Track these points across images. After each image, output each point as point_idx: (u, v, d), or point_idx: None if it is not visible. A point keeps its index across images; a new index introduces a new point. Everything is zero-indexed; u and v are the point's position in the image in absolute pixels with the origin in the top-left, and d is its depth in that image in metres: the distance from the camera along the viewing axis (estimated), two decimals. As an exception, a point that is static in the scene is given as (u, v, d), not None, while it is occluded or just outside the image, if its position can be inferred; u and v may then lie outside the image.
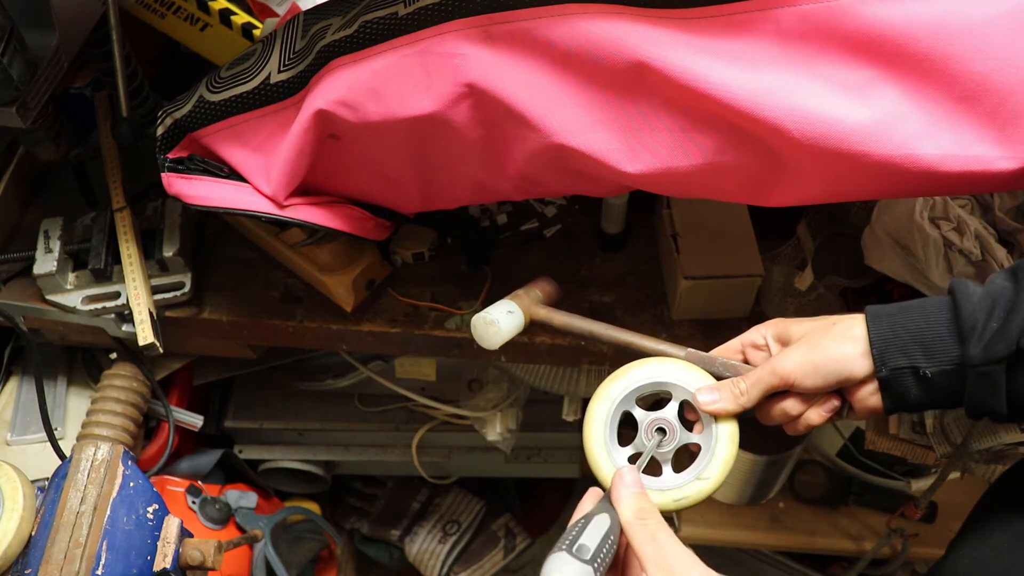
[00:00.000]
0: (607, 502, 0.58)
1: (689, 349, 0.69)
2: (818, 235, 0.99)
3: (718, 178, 0.70)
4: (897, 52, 0.60)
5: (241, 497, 1.11)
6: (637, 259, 1.00)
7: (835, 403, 0.63)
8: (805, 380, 0.61)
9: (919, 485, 1.26)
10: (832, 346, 0.60)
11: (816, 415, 0.63)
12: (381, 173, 0.82)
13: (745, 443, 0.65)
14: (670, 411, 0.66)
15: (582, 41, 0.65)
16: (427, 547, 1.48)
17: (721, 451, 0.64)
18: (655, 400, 0.69)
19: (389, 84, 0.71)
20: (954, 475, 1.04)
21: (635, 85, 0.66)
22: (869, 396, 0.61)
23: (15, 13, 0.82)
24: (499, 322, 0.76)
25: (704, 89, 0.63)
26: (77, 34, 0.90)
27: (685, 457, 0.67)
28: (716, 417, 0.64)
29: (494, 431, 1.23)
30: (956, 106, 0.60)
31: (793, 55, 0.62)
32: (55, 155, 1.00)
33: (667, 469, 0.65)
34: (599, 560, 0.52)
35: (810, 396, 0.63)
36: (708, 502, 0.74)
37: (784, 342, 0.64)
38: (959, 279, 0.59)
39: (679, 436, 0.65)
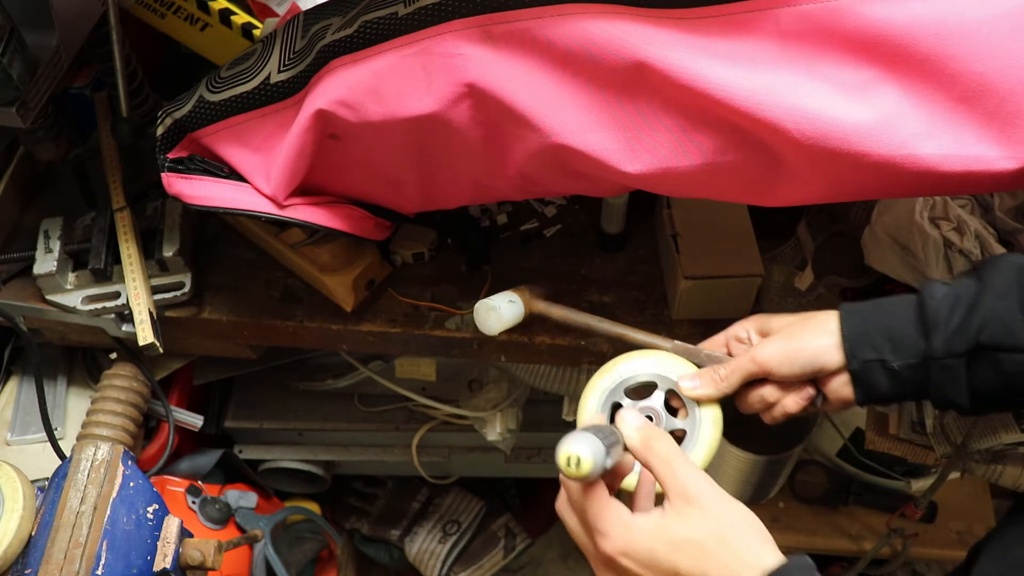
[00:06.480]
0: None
1: (676, 342, 0.73)
2: (818, 235, 0.98)
3: (718, 178, 0.70)
4: (897, 52, 0.60)
5: (241, 497, 1.10)
6: (637, 259, 1.00)
7: (810, 391, 0.67)
8: (781, 368, 0.65)
9: (919, 485, 1.26)
10: (808, 338, 0.65)
11: (792, 402, 0.67)
12: (381, 173, 0.82)
13: (745, 443, 0.65)
14: (656, 399, 0.70)
15: (582, 41, 0.65)
16: (427, 547, 1.48)
17: (705, 435, 0.67)
18: (644, 392, 0.71)
19: (389, 84, 0.71)
20: (954, 475, 1.04)
21: (635, 85, 0.66)
22: (841, 387, 0.65)
23: (15, 13, 0.82)
24: (500, 308, 0.80)
25: (704, 89, 0.63)
26: (77, 34, 0.90)
27: None
28: (699, 403, 0.68)
29: (494, 431, 1.23)
30: (956, 106, 0.60)
31: (793, 55, 0.62)
32: (55, 155, 1.00)
33: None
34: (608, 446, 0.53)
35: (786, 384, 0.67)
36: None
37: (765, 335, 0.69)
38: (928, 280, 0.63)
39: (665, 422, 0.69)
